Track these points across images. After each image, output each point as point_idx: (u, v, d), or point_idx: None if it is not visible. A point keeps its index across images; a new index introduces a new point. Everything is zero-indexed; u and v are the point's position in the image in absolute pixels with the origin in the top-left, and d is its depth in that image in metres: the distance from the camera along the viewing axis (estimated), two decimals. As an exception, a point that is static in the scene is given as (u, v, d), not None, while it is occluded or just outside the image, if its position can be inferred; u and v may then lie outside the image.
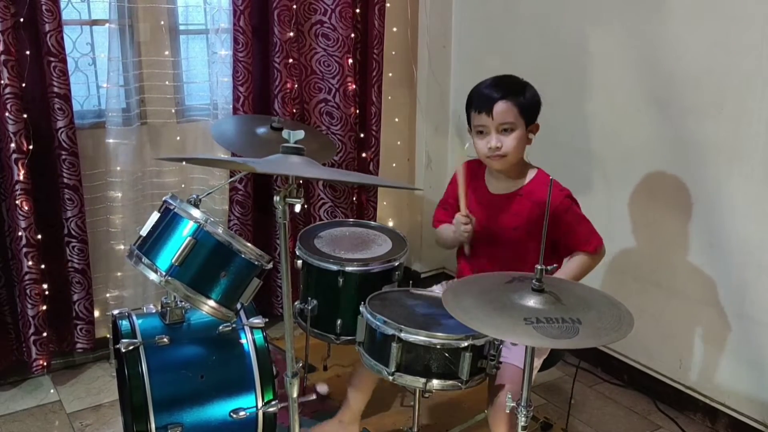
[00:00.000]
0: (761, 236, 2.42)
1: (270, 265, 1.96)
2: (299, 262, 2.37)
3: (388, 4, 3.18)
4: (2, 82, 2.46)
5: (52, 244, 2.73)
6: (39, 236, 2.64)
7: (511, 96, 2.13)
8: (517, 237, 2.21)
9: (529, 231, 2.18)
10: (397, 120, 3.56)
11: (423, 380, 1.90)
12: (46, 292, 2.72)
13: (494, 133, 2.14)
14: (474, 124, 2.19)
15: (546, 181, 2.20)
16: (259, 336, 2.06)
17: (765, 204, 2.39)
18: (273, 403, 2.03)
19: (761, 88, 2.34)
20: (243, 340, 2.05)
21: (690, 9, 2.50)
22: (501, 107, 2.13)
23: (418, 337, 1.88)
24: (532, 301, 1.65)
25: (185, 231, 1.87)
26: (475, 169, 2.32)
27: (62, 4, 2.59)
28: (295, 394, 1.84)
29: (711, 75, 2.47)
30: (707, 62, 2.47)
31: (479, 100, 2.17)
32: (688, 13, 2.51)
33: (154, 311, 2.11)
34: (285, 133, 1.75)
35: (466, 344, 1.87)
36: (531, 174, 2.25)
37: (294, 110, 3.09)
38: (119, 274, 2.98)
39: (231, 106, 2.95)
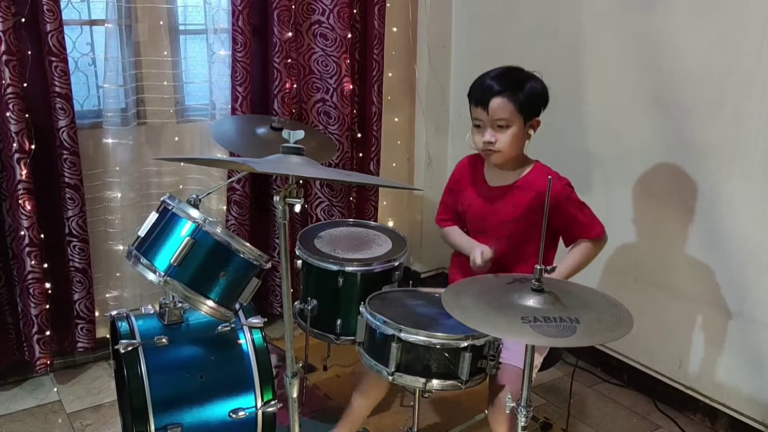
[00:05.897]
0: (761, 236, 2.42)
1: (269, 265, 1.95)
2: (299, 262, 2.37)
3: (388, 4, 3.18)
4: (4, 82, 2.46)
5: (53, 244, 2.73)
6: (42, 235, 2.65)
7: (509, 92, 2.10)
8: (517, 228, 2.20)
9: (529, 222, 2.18)
10: (397, 120, 3.56)
11: (423, 380, 1.90)
12: (49, 291, 2.73)
13: (489, 128, 2.13)
14: (472, 116, 2.18)
15: (544, 171, 2.21)
16: (258, 336, 2.06)
17: (765, 204, 2.39)
18: (272, 403, 2.03)
19: (761, 88, 2.34)
20: (242, 341, 2.05)
21: (690, 9, 2.50)
22: (497, 103, 2.10)
23: (418, 337, 1.88)
24: (531, 301, 1.66)
25: (184, 231, 1.86)
26: (475, 162, 2.33)
27: (62, 4, 2.59)
28: (295, 394, 1.84)
29: (711, 75, 2.47)
30: (707, 62, 2.47)
31: (477, 93, 2.15)
32: (689, 13, 2.50)
33: (152, 312, 2.10)
34: (285, 133, 1.75)
35: (465, 344, 1.87)
36: (529, 166, 2.24)
37: (292, 110, 3.09)
38: (118, 274, 2.98)
39: (230, 107, 2.95)
